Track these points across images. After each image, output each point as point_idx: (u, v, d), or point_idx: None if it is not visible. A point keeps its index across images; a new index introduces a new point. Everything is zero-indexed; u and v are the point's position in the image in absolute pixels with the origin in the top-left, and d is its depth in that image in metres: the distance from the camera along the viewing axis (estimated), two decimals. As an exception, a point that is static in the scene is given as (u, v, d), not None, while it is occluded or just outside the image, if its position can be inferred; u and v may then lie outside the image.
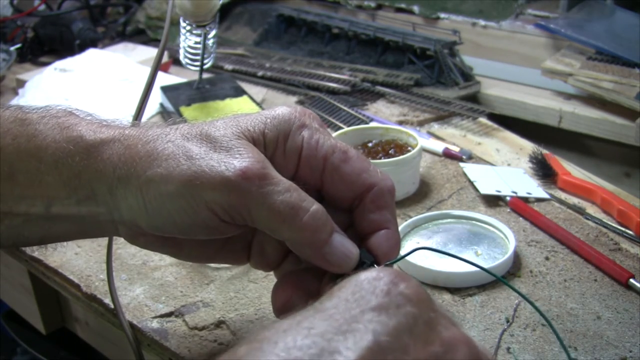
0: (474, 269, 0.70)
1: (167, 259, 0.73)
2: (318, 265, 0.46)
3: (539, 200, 0.84)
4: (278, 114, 0.48)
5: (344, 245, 0.46)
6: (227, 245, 0.51)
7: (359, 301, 0.35)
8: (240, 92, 1.07)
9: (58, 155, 0.47)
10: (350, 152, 0.48)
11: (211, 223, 0.45)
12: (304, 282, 0.49)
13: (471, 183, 0.88)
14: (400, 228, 0.76)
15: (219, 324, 0.65)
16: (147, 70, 0.88)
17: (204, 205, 0.44)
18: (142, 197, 0.45)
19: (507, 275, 0.71)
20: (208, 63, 1.07)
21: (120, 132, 0.48)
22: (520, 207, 0.82)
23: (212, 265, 0.71)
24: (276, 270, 0.54)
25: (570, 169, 0.90)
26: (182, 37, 1.04)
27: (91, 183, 0.47)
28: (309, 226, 0.44)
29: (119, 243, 0.76)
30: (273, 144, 0.47)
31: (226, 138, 0.45)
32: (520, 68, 1.22)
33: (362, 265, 0.47)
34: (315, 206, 0.45)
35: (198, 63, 1.05)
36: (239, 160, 0.44)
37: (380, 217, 0.48)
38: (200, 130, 0.46)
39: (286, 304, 0.48)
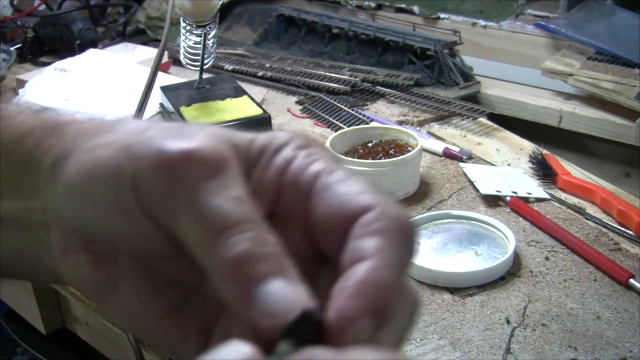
0: (474, 269, 0.71)
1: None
2: (240, 314, 0.30)
3: (539, 200, 0.84)
4: (278, 133, 0.36)
5: (288, 291, 0.30)
6: (181, 312, 0.36)
7: None
8: (240, 92, 1.07)
9: (19, 134, 0.37)
10: (354, 177, 0.33)
11: (133, 212, 0.33)
12: None
13: (471, 183, 0.88)
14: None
15: (219, 324, 0.65)
16: (147, 70, 0.88)
17: (128, 183, 0.33)
18: (72, 171, 0.34)
19: (507, 275, 0.71)
20: (208, 63, 1.07)
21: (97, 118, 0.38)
22: (520, 207, 0.82)
23: None
24: None
25: (570, 169, 0.90)
26: (182, 37, 1.04)
27: (39, 162, 0.36)
28: (237, 251, 0.30)
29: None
30: (259, 153, 0.34)
31: (196, 128, 0.34)
32: (520, 68, 1.22)
33: (300, 321, 0.29)
34: (259, 232, 0.31)
35: (198, 63, 1.05)
36: (192, 141, 0.32)
37: (366, 244, 0.30)
38: (176, 124, 0.36)
39: None
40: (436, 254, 0.74)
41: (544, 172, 0.89)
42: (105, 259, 0.35)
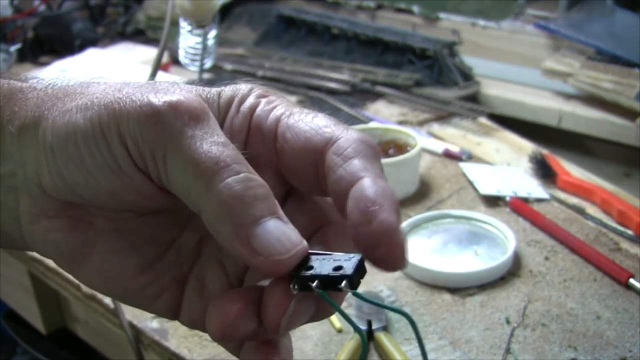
0: (474, 269, 0.71)
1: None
2: (239, 257, 0.32)
3: (539, 200, 0.84)
4: (240, 85, 0.39)
5: (283, 230, 0.32)
6: (156, 266, 0.37)
7: None
8: (240, 92, 1.07)
9: None
10: (312, 114, 0.36)
11: (123, 166, 0.34)
12: (258, 295, 0.33)
13: (471, 183, 0.88)
14: (400, 228, 0.76)
15: (219, 324, 0.65)
16: (147, 70, 0.88)
17: (117, 138, 0.34)
18: (50, 135, 0.35)
19: (507, 275, 0.71)
20: (208, 63, 1.07)
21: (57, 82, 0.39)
22: (520, 207, 0.82)
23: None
24: None
25: (570, 169, 0.90)
26: (182, 37, 1.04)
27: (3, 129, 0.37)
28: (233, 192, 0.32)
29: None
30: (227, 104, 0.37)
31: (169, 85, 0.36)
32: (520, 68, 1.22)
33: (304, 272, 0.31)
34: (249, 174, 0.33)
35: (198, 63, 1.05)
36: (173, 95, 0.34)
37: (350, 168, 0.33)
38: (147, 82, 0.38)
39: (232, 324, 0.33)
40: (436, 254, 0.74)
41: (544, 172, 0.89)
42: (81, 222, 0.36)
